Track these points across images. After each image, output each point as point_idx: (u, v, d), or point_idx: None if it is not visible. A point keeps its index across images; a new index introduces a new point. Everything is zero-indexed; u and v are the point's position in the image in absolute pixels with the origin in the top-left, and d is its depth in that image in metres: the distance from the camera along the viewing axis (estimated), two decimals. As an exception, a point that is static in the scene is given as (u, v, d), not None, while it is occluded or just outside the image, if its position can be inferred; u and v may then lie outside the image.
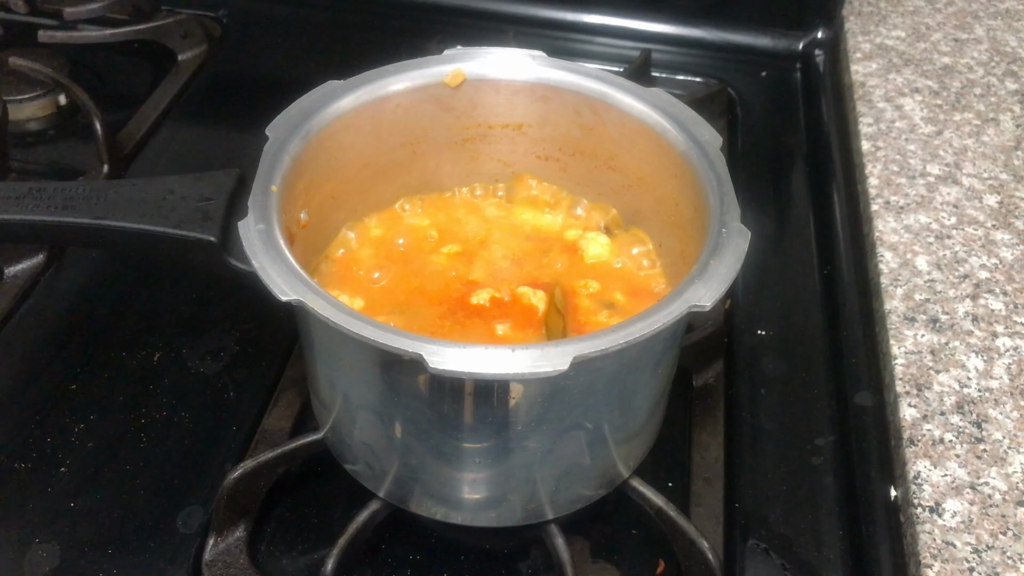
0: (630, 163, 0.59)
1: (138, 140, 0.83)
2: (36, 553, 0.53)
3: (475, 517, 0.54)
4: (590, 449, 0.51)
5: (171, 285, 0.70)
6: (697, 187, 0.52)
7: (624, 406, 0.51)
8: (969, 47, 0.92)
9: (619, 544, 0.56)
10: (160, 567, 0.53)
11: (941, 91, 0.87)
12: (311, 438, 0.56)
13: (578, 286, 0.57)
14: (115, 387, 0.63)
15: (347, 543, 0.52)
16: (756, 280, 0.71)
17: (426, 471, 0.52)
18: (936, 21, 0.96)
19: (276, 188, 0.50)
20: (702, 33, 0.97)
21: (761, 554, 0.55)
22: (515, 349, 0.42)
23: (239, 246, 0.46)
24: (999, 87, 0.87)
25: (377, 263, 0.59)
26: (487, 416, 0.47)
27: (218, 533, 0.54)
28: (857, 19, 0.96)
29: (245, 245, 0.46)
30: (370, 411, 0.50)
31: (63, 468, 0.58)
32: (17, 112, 0.83)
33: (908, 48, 0.92)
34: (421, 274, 0.58)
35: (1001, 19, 0.97)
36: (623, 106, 0.57)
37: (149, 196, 0.53)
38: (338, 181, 0.57)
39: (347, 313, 0.43)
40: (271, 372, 0.64)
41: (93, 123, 0.78)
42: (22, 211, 0.52)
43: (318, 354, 0.51)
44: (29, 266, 0.70)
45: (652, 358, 0.50)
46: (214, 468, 0.58)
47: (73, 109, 0.84)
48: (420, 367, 0.41)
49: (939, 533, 0.53)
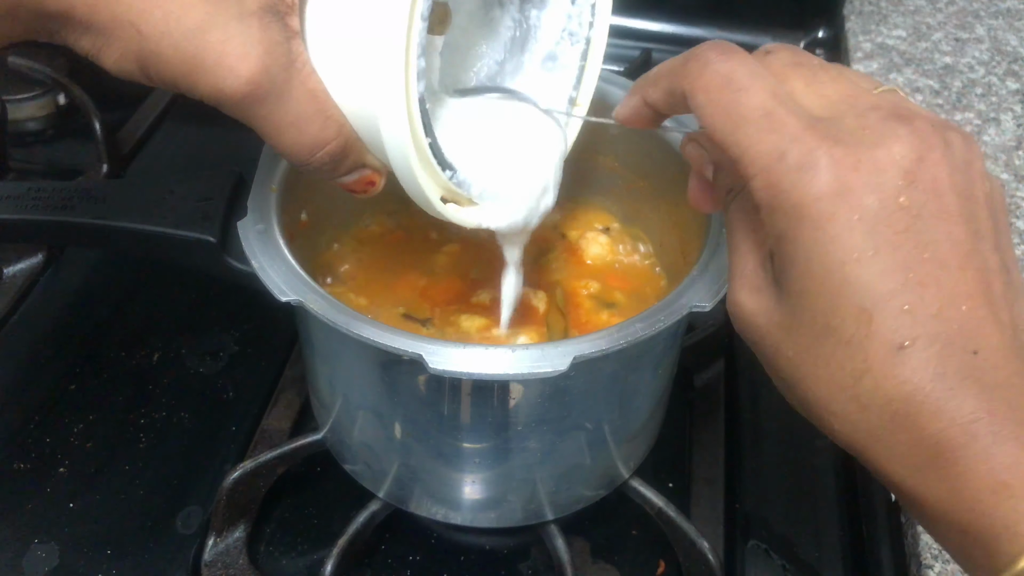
0: (630, 163, 0.59)
1: (137, 140, 0.83)
2: (35, 553, 0.53)
3: (475, 517, 0.54)
4: (590, 449, 0.51)
5: (170, 285, 0.70)
6: (697, 187, 0.52)
7: (624, 406, 0.51)
8: (970, 47, 0.92)
9: (619, 544, 0.56)
10: (159, 567, 0.53)
11: (942, 91, 0.87)
12: (311, 438, 0.56)
13: (578, 286, 0.57)
14: (114, 387, 0.63)
15: (347, 543, 0.52)
16: (756, 280, 0.71)
17: (426, 471, 0.52)
18: (937, 21, 0.96)
19: (276, 188, 0.50)
20: (702, 33, 0.97)
21: (762, 554, 0.55)
22: (515, 349, 0.42)
23: (239, 246, 0.46)
24: (1000, 87, 0.87)
25: (376, 262, 0.59)
26: (487, 416, 0.47)
27: (217, 533, 0.53)
28: (858, 19, 0.96)
29: (245, 245, 0.46)
30: (370, 411, 0.50)
31: (62, 468, 0.58)
32: (16, 112, 0.83)
33: (909, 48, 0.92)
34: (421, 271, 0.58)
35: (1002, 19, 0.97)
36: (623, 106, 0.57)
37: (148, 196, 0.53)
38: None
39: (347, 313, 0.43)
40: (271, 372, 0.64)
41: (92, 123, 0.78)
42: (21, 211, 0.52)
43: (318, 354, 0.51)
44: (28, 266, 0.69)
45: (652, 358, 0.49)
46: (213, 468, 0.58)
47: (72, 109, 0.84)
48: (420, 367, 0.41)
49: (940, 534, 0.52)
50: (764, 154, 0.32)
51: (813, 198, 0.31)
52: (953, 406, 0.30)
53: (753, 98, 0.33)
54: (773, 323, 0.34)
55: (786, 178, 0.31)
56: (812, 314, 0.32)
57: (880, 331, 0.31)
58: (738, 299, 0.36)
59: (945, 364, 0.30)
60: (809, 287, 0.32)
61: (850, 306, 0.31)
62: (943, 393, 0.30)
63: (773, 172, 0.32)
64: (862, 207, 0.31)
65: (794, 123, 0.32)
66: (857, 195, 0.31)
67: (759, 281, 0.35)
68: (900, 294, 0.31)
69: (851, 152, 0.31)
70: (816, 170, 0.31)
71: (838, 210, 0.31)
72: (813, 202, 0.31)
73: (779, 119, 0.32)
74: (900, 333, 0.31)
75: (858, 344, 0.31)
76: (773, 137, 0.32)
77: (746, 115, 0.32)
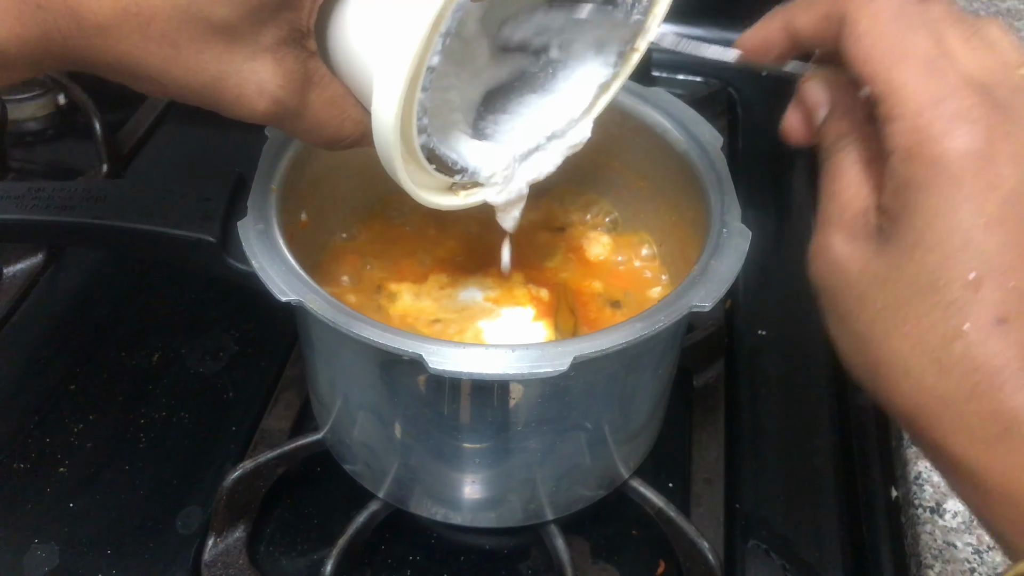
0: (631, 163, 0.59)
1: (137, 140, 0.83)
2: (35, 553, 0.53)
3: (475, 517, 0.54)
4: (590, 449, 0.51)
5: (170, 285, 0.70)
6: (698, 187, 0.52)
7: (624, 406, 0.51)
8: (970, 47, 0.92)
9: (619, 544, 0.56)
10: (159, 567, 0.53)
11: (942, 91, 0.86)
12: (311, 438, 0.56)
13: (583, 286, 0.58)
14: (114, 387, 0.63)
15: (347, 543, 0.52)
16: (756, 280, 0.71)
17: (426, 471, 0.52)
18: (936, 21, 0.96)
19: (276, 188, 0.50)
20: (702, 33, 0.96)
21: (762, 554, 0.55)
22: (515, 349, 0.42)
23: (238, 246, 0.46)
24: (1000, 87, 0.87)
25: (375, 253, 0.59)
26: (487, 416, 0.47)
27: (217, 533, 0.53)
28: (857, 19, 0.96)
29: (244, 245, 0.46)
30: (370, 411, 0.50)
31: (62, 468, 0.58)
32: (16, 112, 0.83)
33: (908, 48, 0.92)
34: (421, 262, 0.58)
35: (1002, 19, 0.97)
36: (623, 106, 0.57)
37: (148, 196, 0.53)
38: (338, 181, 0.57)
39: (347, 313, 0.43)
40: (271, 372, 0.64)
41: (92, 123, 0.78)
42: (21, 211, 0.52)
43: (318, 354, 0.51)
44: (28, 266, 0.69)
45: (652, 358, 0.49)
46: (213, 468, 0.58)
47: (72, 109, 0.84)
48: (420, 367, 0.41)
49: (940, 534, 0.52)
50: (920, 96, 0.32)
51: (960, 152, 0.31)
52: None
53: (921, 40, 0.33)
54: (867, 272, 0.34)
55: (937, 125, 0.31)
56: (919, 268, 0.32)
57: (984, 301, 0.31)
58: (830, 242, 0.35)
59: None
60: (927, 240, 0.32)
61: (962, 268, 0.31)
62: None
63: (925, 117, 0.32)
64: (1001, 176, 0.31)
65: (955, 76, 0.32)
66: (1001, 163, 0.31)
67: (859, 228, 0.35)
68: (1013, 271, 0.31)
69: (1005, 120, 0.32)
70: (972, 125, 0.31)
71: (980, 171, 0.31)
72: (959, 157, 0.31)
73: (942, 67, 0.32)
74: (1004, 307, 0.31)
75: (959, 308, 0.31)
76: (934, 83, 0.32)
77: (910, 54, 0.32)
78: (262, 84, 0.36)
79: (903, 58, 0.33)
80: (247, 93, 0.36)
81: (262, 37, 0.35)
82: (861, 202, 0.35)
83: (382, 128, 0.37)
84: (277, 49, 0.36)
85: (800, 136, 0.40)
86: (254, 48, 0.35)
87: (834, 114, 0.38)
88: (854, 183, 0.35)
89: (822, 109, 0.38)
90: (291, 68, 0.37)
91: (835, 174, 0.36)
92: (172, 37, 0.34)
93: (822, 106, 0.38)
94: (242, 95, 0.36)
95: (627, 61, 0.47)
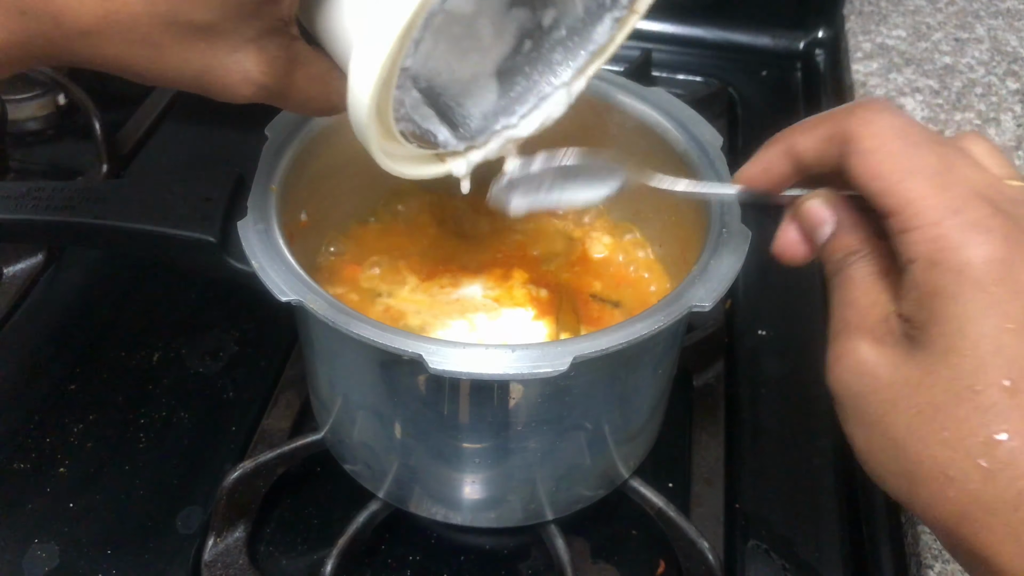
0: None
1: (137, 140, 0.83)
2: (35, 553, 0.53)
3: (475, 517, 0.54)
4: (590, 449, 0.51)
5: (170, 285, 0.70)
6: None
7: (624, 406, 0.51)
8: (970, 47, 0.92)
9: (619, 544, 0.56)
10: (159, 567, 0.53)
11: (942, 91, 0.87)
12: (311, 438, 0.56)
13: (583, 285, 0.58)
14: (114, 387, 0.63)
15: (347, 544, 0.52)
16: (756, 280, 0.71)
17: (426, 471, 0.52)
18: (937, 21, 0.96)
19: (276, 188, 0.50)
20: (702, 33, 0.97)
21: (762, 554, 0.55)
22: (515, 349, 0.42)
23: (238, 246, 0.46)
24: (1000, 87, 0.87)
25: (375, 253, 0.59)
26: (487, 416, 0.47)
27: (217, 533, 0.53)
28: (858, 18, 0.96)
29: (244, 245, 0.46)
30: (370, 411, 0.50)
31: (62, 468, 0.58)
32: (16, 112, 0.83)
33: (909, 48, 0.92)
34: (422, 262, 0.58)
35: (1002, 19, 0.97)
36: (623, 106, 0.57)
37: (148, 196, 0.53)
38: (338, 181, 0.57)
39: (347, 313, 0.43)
40: (270, 372, 0.64)
41: (92, 122, 0.78)
42: (21, 211, 0.52)
43: (318, 354, 0.51)
44: (28, 266, 0.69)
45: (652, 358, 0.49)
46: (213, 468, 0.58)
47: (72, 108, 0.84)
48: (420, 367, 0.41)
49: (940, 534, 0.52)
50: (936, 207, 0.33)
51: (982, 260, 0.32)
52: None
53: (926, 156, 0.34)
54: (899, 376, 0.34)
55: (956, 235, 0.32)
56: (955, 373, 0.32)
57: (1023, 406, 0.31)
58: (855, 347, 0.36)
59: None
60: (959, 347, 0.32)
61: (997, 374, 0.31)
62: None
63: (944, 226, 0.32)
64: (1021, 282, 0.32)
65: (963, 187, 0.33)
66: (1020, 269, 0.32)
67: (883, 334, 0.35)
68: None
69: (1016, 229, 0.32)
70: (989, 234, 0.32)
71: (1003, 278, 0.32)
72: (981, 264, 0.32)
73: (950, 180, 0.33)
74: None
75: (998, 412, 0.31)
76: (947, 194, 0.33)
77: (919, 169, 0.33)
78: (246, 73, 0.37)
79: (912, 172, 0.33)
80: (233, 82, 0.37)
81: (244, 31, 0.36)
82: (881, 309, 0.35)
83: (357, 111, 0.38)
84: (259, 39, 0.36)
85: (798, 254, 0.40)
86: (236, 41, 0.36)
87: (840, 230, 0.38)
88: (872, 292, 0.36)
89: (827, 226, 0.39)
90: (274, 55, 0.37)
91: (850, 285, 0.37)
92: (155, 40, 0.34)
93: (826, 223, 0.39)
94: (228, 84, 0.37)
95: (624, 24, 0.47)
